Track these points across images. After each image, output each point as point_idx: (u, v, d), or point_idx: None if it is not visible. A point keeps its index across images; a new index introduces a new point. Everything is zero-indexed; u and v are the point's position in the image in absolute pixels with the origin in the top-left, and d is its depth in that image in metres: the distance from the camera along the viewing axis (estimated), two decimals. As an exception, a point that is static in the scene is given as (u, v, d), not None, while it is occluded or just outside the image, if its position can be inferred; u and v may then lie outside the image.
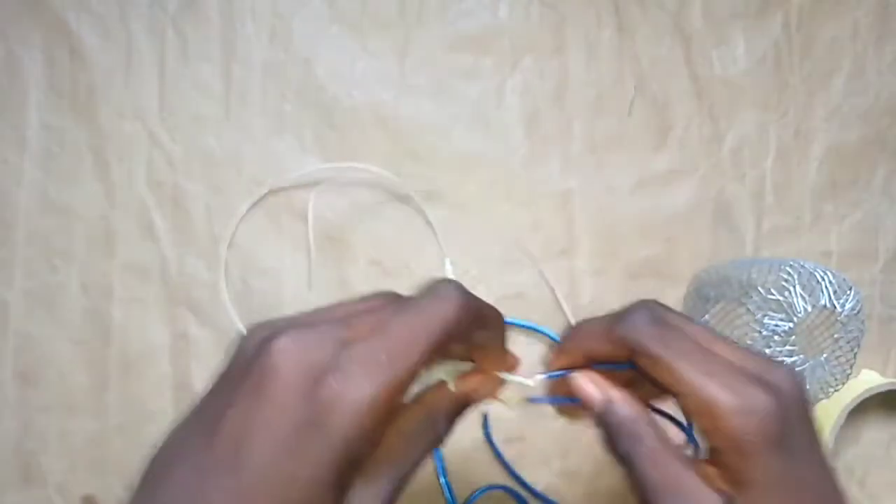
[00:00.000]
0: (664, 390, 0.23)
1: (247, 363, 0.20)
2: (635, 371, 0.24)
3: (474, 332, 0.23)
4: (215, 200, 0.45)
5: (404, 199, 0.46)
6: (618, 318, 0.24)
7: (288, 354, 0.20)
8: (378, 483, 0.21)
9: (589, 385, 0.25)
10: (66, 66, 0.46)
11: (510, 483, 0.44)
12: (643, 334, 0.23)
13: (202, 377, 0.44)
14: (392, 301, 0.23)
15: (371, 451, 0.20)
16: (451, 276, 0.45)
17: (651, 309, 0.24)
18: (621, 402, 0.24)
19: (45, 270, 0.44)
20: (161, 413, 0.43)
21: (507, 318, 0.43)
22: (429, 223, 0.46)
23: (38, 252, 0.44)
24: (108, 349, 0.44)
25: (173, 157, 0.45)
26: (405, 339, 0.20)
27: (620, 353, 0.24)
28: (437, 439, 0.23)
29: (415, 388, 0.24)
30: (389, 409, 0.20)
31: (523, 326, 0.45)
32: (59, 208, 0.45)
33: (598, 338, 0.25)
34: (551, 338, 0.44)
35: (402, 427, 0.22)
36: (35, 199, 0.45)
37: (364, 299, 0.24)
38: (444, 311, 0.21)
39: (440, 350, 0.21)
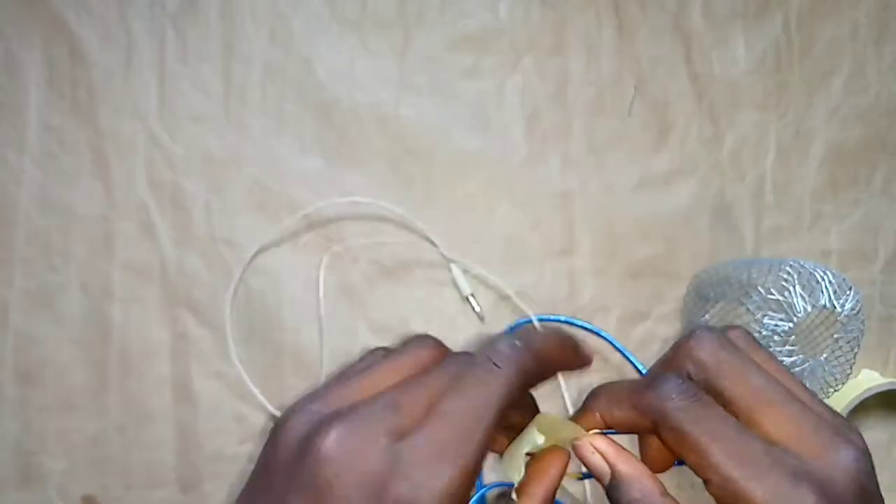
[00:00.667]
0: (692, 469, 0.20)
1: (293, 465, 0.18)
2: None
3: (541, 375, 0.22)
4: (215, 200, 0.45)
5: (415, 214, 0.46)
6: (645, 385, 0.21)
7: (341, 463, 0.17)
8: None
9: (594, 455, 0.22)
10: (66, 66, 0.46)
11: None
12: (670, 404, 0.20)
13: (202, 377, 0.44)
14: (437, 362, 0.21)
15: None
16: (460, 278, 0.45)
17: (678, 375, 0.21)
18: (631, 480, 0.21)
19: (44, 270, 0.44)
20: (161, 413, 0.43)
21: (570, 319, 0.42)
22: (433, 243, 0.46)
23: (38, 252, 0.44)
24: (108, 349, 0.44)
25: (173, 157, 0.45)
26: (466, 424, 0.18)
27: (643, 422, 0.21)
28: None
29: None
30: (463, 498, 0.18)
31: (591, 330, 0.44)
32: (59, 208, 0.45)
33: (621, 401, 0.22)
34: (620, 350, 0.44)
35: None
36: (35, 199, 0.45)
37: (402, 354, 0.21)
38: (502, 383, 0.19)
39: (503, 421, 0.20)
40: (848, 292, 0.39)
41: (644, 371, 0.45)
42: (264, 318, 0.44)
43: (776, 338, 0.39)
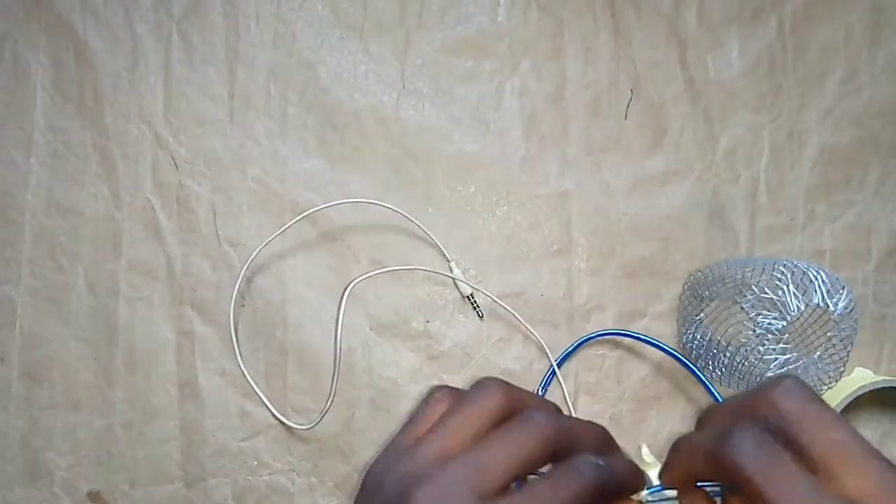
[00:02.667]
0: None
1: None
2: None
3: (569, 451, 0.23)
4: (219, 201, 0.46)
5: (415, 214, 0.47)
6: (721, 438, 0.21)
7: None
8: None
9: None
10: (72, 68, 0.46)
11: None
12: (746, 463, 0.20)
13: (207, 374, 0.44)
14: (509, 410, 0.23)
15: None
16: (460, 279, 0.46)
17: (756, 428, 0.21)
18: None
19: (51, 270, 0.45)
20: (166, 410, 0.44)
21: (632, 333, 0.43)
22: (437, 246, 0.46)
23: (45, 252, 0.45)
24: (114, 347, 0.44)
25: (178, 159, 0.46)
26: (488, 464, 0.21)
27: (724, 478, 0.21)
28: None
29: None
30: None
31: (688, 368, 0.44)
32: (66, 209, 0.45)
33: (700, 460, 0.22)
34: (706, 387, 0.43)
35: None
36: (42, 200, 0.45)
37: (475, 402, 0.23)
38: (533, 442, 0.21)
39: (524, 468, 0.21)
40: (841, 291, 0.39)
41: (704, 380, 0.44)
42: (268, 317, 0.45)
43: (770, 336, 0.40)
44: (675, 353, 0.43)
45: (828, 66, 0.50)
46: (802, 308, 0.39)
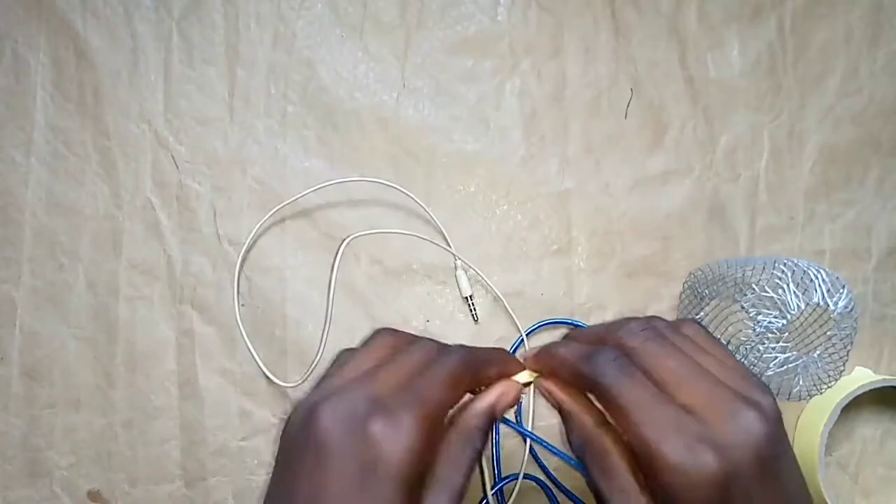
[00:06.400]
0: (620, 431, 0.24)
1: (301, 438, 0.23)
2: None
3: (484, 371, 0.27)
4: (220, 200, 0.46)
5: (416, 212, 0.47)
6: (586, 355, 0.25)
7: (332, 422, 0.22)
8: (440, 499, 0.23)
9: (548, 394, 0.28)
10: (72, 68, 0.46)
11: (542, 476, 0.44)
12: (602, 377, 0.24)
13: (207, 373, 0.44)
14: (402, 346, 0.27)
15: (426, 470, 0.23)
16: (462, 278, 0.46)
17: (615, 350, 0.25)
18: (572, 413, 0.26)
19: (51, 269, 0.45)
20: (166, 409, 0.44)
21: (563, 319, 0.44)
22: (441, 233, 0.46)
23: (45, 251, 0.45)
24: (114, 346, 0.44)
25: (178, 158, 0.46)
26: (427, 388, 0.24)
27: (582, 387, 0.26)
28: (477, 452, 0.25)
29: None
30: (431, 432, 0.23)
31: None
32: (66, 208, 0.45)
33: (564, 367, 0.26)
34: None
35: (447, 449, 0.25)
36: (42, 199, 0.45)
37: (371, 343, 0.27)
38: (449, 370, 0.25)
39: (457, 388, 0.25)
40: (841, 290, 0.39)
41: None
42: (269, 316, 0.45)
43: (770, 335, 0.40)
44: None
45: (828, 65, 0.50)
46: (802, 307, 0.39)
